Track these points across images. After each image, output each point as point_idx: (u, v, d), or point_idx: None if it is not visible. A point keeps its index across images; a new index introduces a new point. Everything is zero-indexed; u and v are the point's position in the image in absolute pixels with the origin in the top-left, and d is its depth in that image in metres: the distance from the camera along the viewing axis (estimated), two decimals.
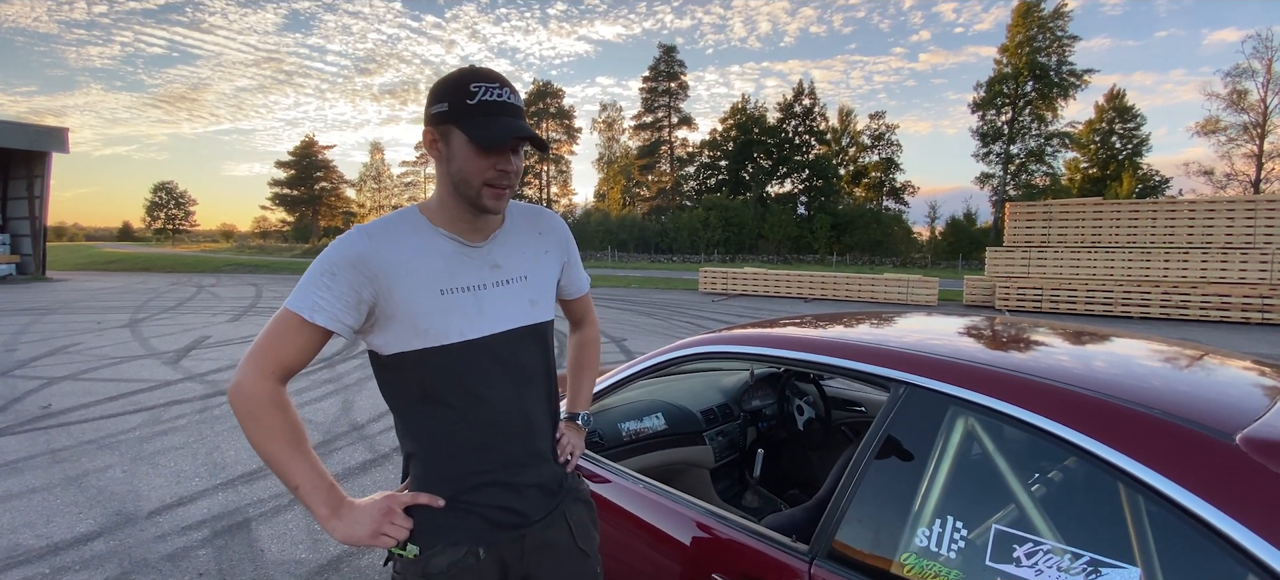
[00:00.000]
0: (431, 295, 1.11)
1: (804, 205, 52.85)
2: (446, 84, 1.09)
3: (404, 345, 1.11)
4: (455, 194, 1.11)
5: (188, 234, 77.86)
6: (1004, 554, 1.05)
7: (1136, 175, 43.57)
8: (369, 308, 1.08)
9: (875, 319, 1.92)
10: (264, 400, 1.05)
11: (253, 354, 1.06)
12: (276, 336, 1.07)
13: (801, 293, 18.43)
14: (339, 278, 1.06)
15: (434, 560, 1.13)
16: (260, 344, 1.07)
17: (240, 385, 1.05)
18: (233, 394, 1.05)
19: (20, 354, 7.80)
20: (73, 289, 17.52)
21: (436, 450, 1.16)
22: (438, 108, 1.08)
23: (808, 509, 1.39)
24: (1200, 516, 0.91)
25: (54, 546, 3.00)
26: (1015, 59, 44.96)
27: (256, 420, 1.05)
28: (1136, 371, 1.34)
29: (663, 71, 57.49)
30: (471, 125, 1.06)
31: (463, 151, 1.07)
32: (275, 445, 1.05)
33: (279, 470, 1.07)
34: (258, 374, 1.05)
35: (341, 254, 1.07)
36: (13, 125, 19.58)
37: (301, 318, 1.06)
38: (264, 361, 1.06)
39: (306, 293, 1.06)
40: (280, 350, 1.07)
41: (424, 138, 1.13)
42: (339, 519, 1.08)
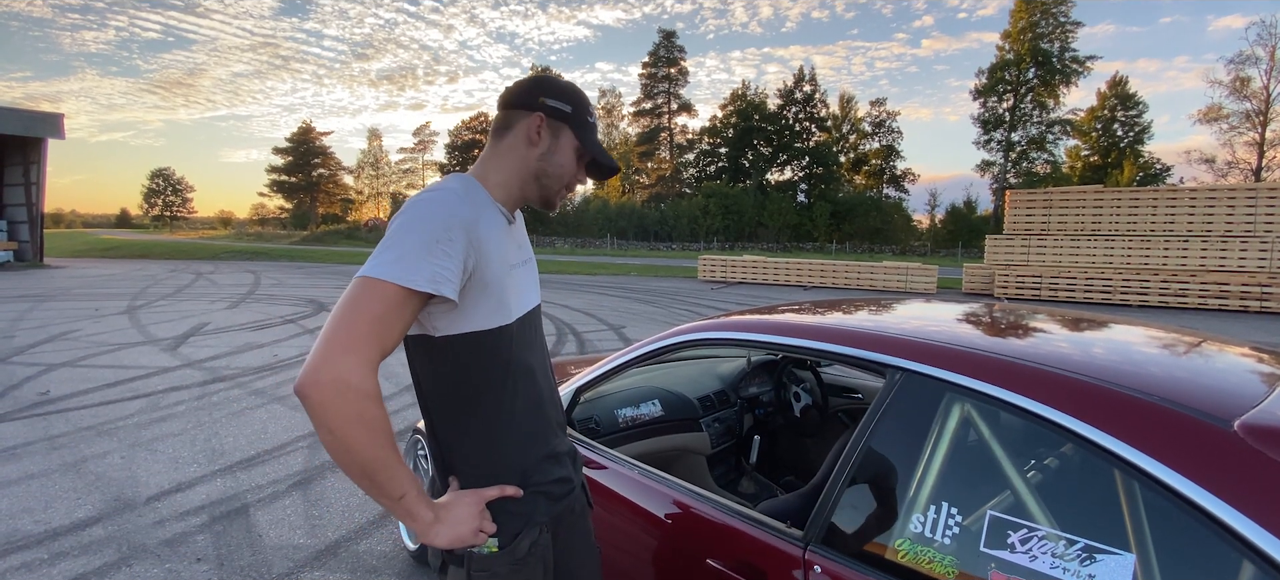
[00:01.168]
0: (505, 269, 1.10)
1: (804, 193, 52.77)
2: (572, 90, 1.16)
3: (485, 322, 1.06)
4: (534, 181, 1.15)
5: (185, 221, 77.71)
6: (998, 540, 1.05)
7: (1138, 163, 43.48)
8: (469, 276, 1.02)
9: (873, 306, 1.91)
10: (374, 398, 0.91)
11: (351, 340, 0.90)
12: (381, 316, 0.92)
13: (801, 280, 18.43)
14: (455, 242, 0.98)
15: (519, 547, 1.11)
16: (358, 327, 0.91)
17: (344, 381, 0.88)
18: (331, 392, 0.88)
19: (18, 340, 7.80)
20: (70, 276, 17.49)
21: (506, 436, 1.13)
22: (560, 105, 1.13)
23: (803, 495, 1.39)
24: (1197, 503, 0.90)
25: (53, 532, 3.01)
26: (1018, 45, 44.72)
27: (365, 423, 0.90)
28: (1134, 358, 1.33)
29: (662, 57, 57.17)
30: (590, 140, 1.16)
31: (568, 153, 1.15)
32: (379, 446, 0.92)
33: (383, 477, 0.94)
34: (365, 365, 0.90)
35: (453, 216, 0.99)
36: (8, 111, 19.46)
37: (411, 291, 0.93)
38: (369, 349, 0.91)
39: (417, 262, 0.94)
40: (387, 333, 0.93)
41: (531, 121, 1.13)
42: (442, 524, 1.02)
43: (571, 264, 26.36)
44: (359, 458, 0.91)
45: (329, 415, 0.88)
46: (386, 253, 0.95)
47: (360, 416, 0.89)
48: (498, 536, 1.10)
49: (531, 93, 1.14)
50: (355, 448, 0.90)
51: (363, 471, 0.93)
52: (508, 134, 1.14)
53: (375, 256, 0.96)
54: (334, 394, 0.87)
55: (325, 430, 0.89)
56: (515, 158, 1.14)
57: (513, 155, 1.14)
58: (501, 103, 1.18)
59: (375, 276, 0.93)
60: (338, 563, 2.78)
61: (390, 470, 0.94)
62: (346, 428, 0.89)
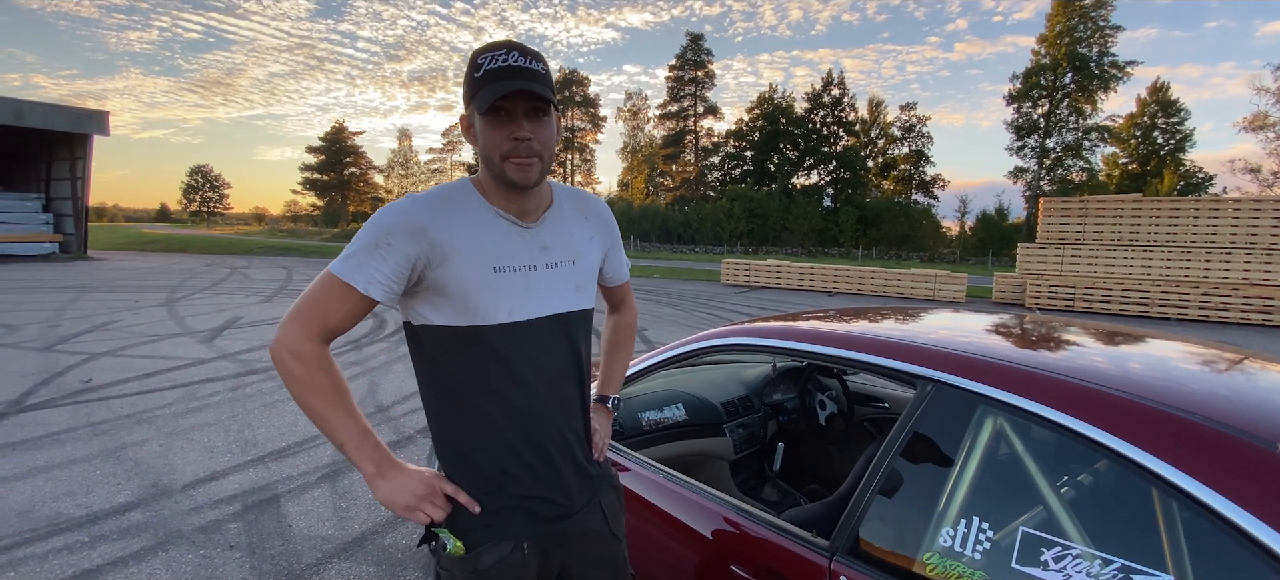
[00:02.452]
0: (485, 272, 1.08)
1: (830, 197, 52.19)
2: (468, 67, 1.08)
3: (450, 320, 1.08)
4: (488, 174, 1.11)
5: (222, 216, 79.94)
6: (1031, 557, 1.03)
7: (1178, 172, 42.15)
8: (419, 276, 1.06)
9: (901, 314, 1.89)
10: (308, 357, 1.04)
11: (295, 314, 1.05)
12: (322, 300, 1.05)
13: (826, 286, 18.23)
14: (394, 247, 1.04)
15: (482, 557, 1.11)
16: (304, 305, 1.05)
17: (282, 342, 1.04)
18: (275, 351, 1.04)
19: (62, 329, 8.09)
20: (113, 268, 18.09)
21: (478, 437, 1.13)
22: (465, 92, 1.09)
23: (829, 504, 1.38)
24: (1239, 526, 0.87)
25: (93, 516, 3.12)
26: (1054, 49, 43.67)
27: (298, 378, 1.04)
28: (1174, 374, 1.29)
29: (689, 60, 57.09)
30: (479, 98, 1.04)
31: (480, 128, 1.07)
32: (319, 401, 1.05)
33: (324, 426, 1.06)
34: (300, 333, 1.04)
35: (397, 221, 1.05)
36: (57, 108, 20.22)
37: (349, 286, 1.04)
38: (307, 321, 1.05)
39: (359, 262, 1.04)
40: (325, 313, 1.05)
41: (461, 124, 1.14)
42: (383, 479, 1.08)
43: None
44: (302, 407, 1.06)
45: (281, 373, 1.05)
46: (345, 250, 1.08)
47: (293, 373, 1.03)
48: (464, 538, 1.11)
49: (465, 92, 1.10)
50: (297, 398, 1.05)
51: (310, 419, 1.07)
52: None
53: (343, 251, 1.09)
54: (277, 352, 1.04)
55: (286, 386, 1.05)
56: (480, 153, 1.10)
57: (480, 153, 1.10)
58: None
59: (330, 268, 1.06)
60: (364, 555, 2.83)
61: (327, 421, 1.06)
62: (287, 381, 1.04)
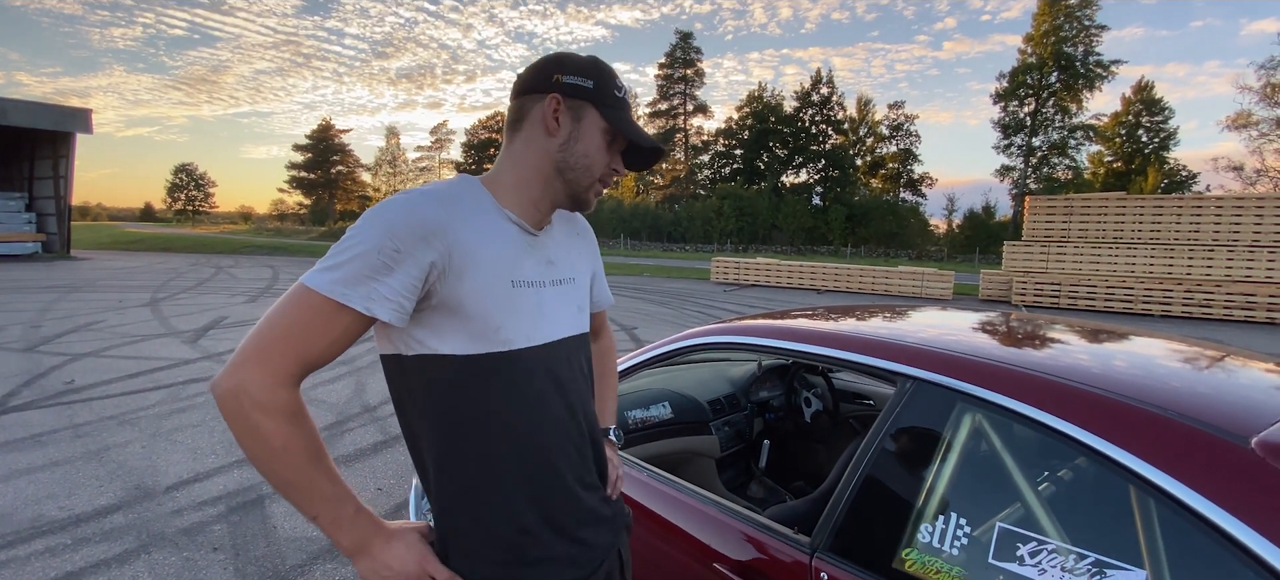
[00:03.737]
0: (503, 287, 0.92)
1: (819, 196, 52.46)
2: (592, 63, 0.97)
3: (461, 347, 0.90)
4: (557, 176, 0.97)
5: (207, 215, 79.04)
6: (1007, 552, 1.04)
7: (1163, 170, 42.71)
8: (429, 290, 0.87)
9: (886, 312, 1.90)
10: (282, 411, 0.80)
11: (262, 349, 0.80)
12: (302, 327, 0.81)
13: (815, 284, 18.32)
14: (404, 253, 0.84)
15: None
16: (274, 336, 0.81)
17: (243, 391, 0.78)
18: (232, 402, 0.79)
19: (45, 330, 7.98)
20: (96, 268, 17.86)
21: (493, 491, 0.94)
22: (579, 81, 0.95)
23: (811, 501, 1.39)
24: (1211, 520, 0.89)
25: (76, 518, 3.08)
26: (1040, 49, 44.10)
27: (269, 440, 0.80)
28: (1153, 371, 1.31)
29: (679, 58, 57.14)
30: (621, 119, 0.96)
31: (595, 137, 0.96)
32: (292, 469, 0.82)
33: (294, 495, 0.84)
34: (271, 378, 0.80)
35: (405, 221, 0.85)
36: (38, 106, 19.94)
37: (342, 306, 0.82)
38: (280, 359, 0.81)
39: (355, 274, 0.82)
40: (305, 345, 0.82)
41: (546, 105, 0.95)
42: (366, 556, 0.89)
43: None
44: (263, 471, 0.82)
45: (241, 433, 0.80)
46: (330, 258, 0.85)
47: (264, 436, 0.80)
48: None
49: (544, 72, 0.96)
50: (258, 461, 0.81)
51: (274, 485, 0.83)
52: (522, 126, 0.97)
53: (322, 260, 0.85)
54: (241, 409, 0.79)
55: (237, 435, 0.81)
56: (532, 152, 0.96)
57: (529, 150, 0.97)
58: (514, 91, 1.00)
59: (309, 284, 0.82)
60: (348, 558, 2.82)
61: (301, 491, 0.83)
62: (246, 440, 0.80)
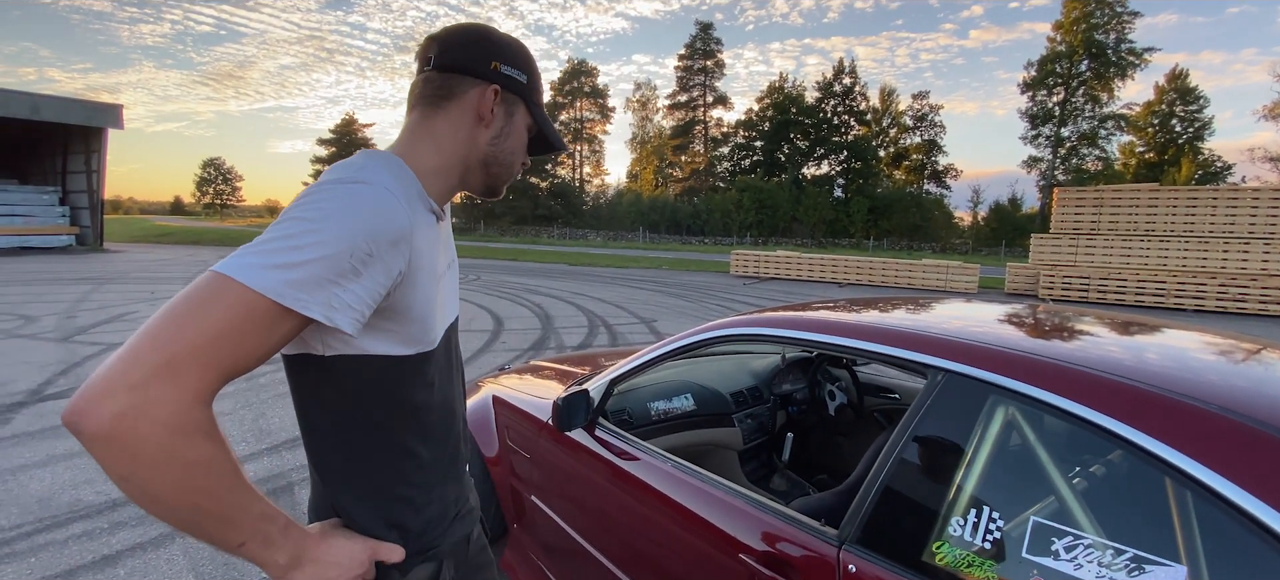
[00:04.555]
0: (434, 279, 0.89)
1: (841, 188, 51.92)
2: (523, 54, 0.94)
3: (398, 348, 0.85)
4: (481, 168, 0.95)
5: (235, 209, 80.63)
6: (1042, 546, 1.02)
7: (1197, 161, 41.53)
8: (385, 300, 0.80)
9: (913, 304, 1.88)
10: (197, 430, 0.65)
11: (175, 360, 0.63)
12: (235, 333, 0.66)
13: (836, 277, 18.15)
14: (376, 261, 0.75)
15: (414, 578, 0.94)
16: (194, 342, 0.64)
17: (144, 414, 0.61)
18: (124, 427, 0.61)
19: (80, 321, 8.21)
20: (128, 260, 18.32)
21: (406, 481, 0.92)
22: (516, 73, 0.92)
23: (838, 494, 1.38)
24: (1254, 515, 0.86)
25: (112, 502, 3.17)
26: (1070, 36, 43.06)
27: (187, 465, 0.65)
28: (1191, 364, 1.28)
29: (699, 49, 56.80)
30: (542, 115, 0.96)
31: (521, 135, 0.96)
32: (213, 497, 0.68)
33: (213, 528, 0.70)
34: (189, 396, 0.64)
35: (385, 229, 0.76)
36: (72, 102, 20.43)
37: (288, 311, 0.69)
38: (202, 373, 0.65)
39: (316, 277, 0.70)
40: (237, 356, 0.67)
41: (483, 94, 0.91)
42: (302, 568, 0.80)
43: (603, 256, 26.47)
44: (172, 505, 0.66)
45: (123, 456, 0.62)
46: (274, 252, 0.69)
47: (170, 458, 0.64)
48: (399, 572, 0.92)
49: (483, 56, 0.90)
50: (167, 494, 0.65)
51: (181, 523, 0.68)
52: (448, 106, 0.90)
53: (255, 249, 0.70)
54: (127, 428, 0.61)
55: (116, 475, 0.63)
56: (459, 138, 0.91)
57: (455, 135, 0.91)
58: (439, 61, 0.90)
59: (246, 282, 0.67)
60: None
61: (222, 521, 0.70)
62: (151, 471, 0.63)
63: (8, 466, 3.55)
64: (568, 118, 58.87)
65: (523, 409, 2.33)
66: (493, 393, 2.56)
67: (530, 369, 2.93)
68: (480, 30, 0.93)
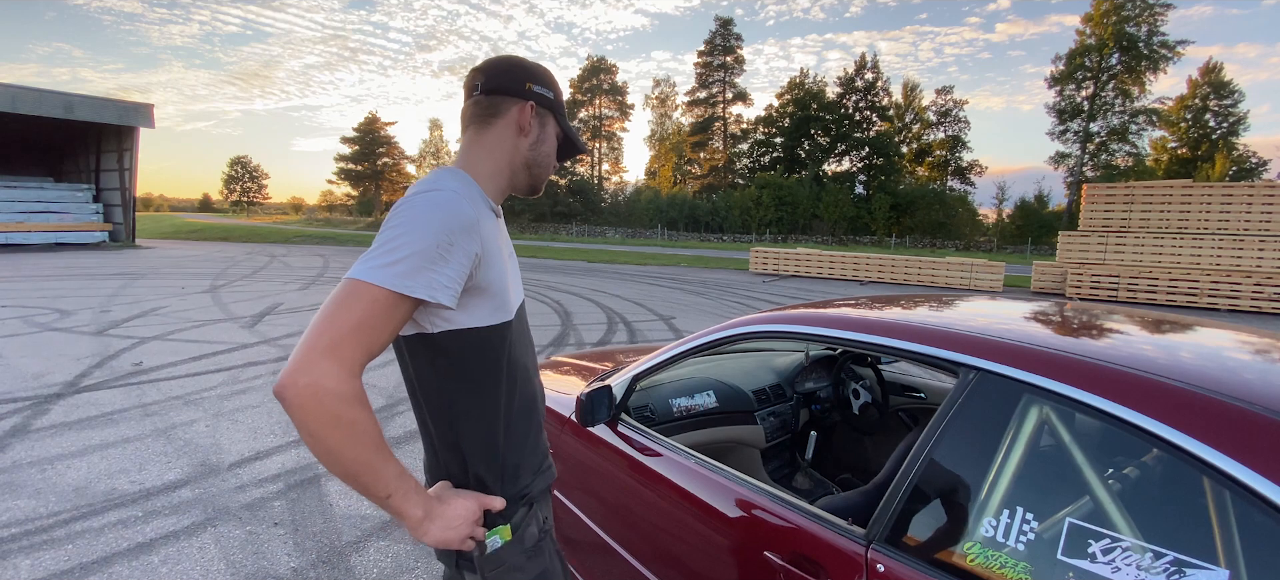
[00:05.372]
0: (504, 264, 1.10)
1: (862, 184, 51.31)
2: (549, 74, 1.17)
3: (484, 320, 1.05)
4: (525, 171, 1.17)
5: (261, 206, 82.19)
6: (1078, 548, 1.00)
7: (1231, 156, 40.35)
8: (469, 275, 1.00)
9: (938, 302, 1.85)
10: (355, 400, 0.88)
11: (334, 344, 0.88)
12: (369, 321, 0.90)
13: (857, 275, 17.96)
14: (457, 248, 0.96)
15: (526, 534, 1.13)
16: (344, 331, 0.88)
17: (322, 386, 0.86)
18: (308, 398, 0.85)
19: (114, 315, 8.44)
20: (159, 256, 18.77)
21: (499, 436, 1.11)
22: (545, 91, 1.15)
23: (865, 492, 1.37)
24: None
25: (146, 492, 3.26)
26: (1100, 29, 42.04)
27: (343, 426, 0.88)
28: (1229, 363, 1.24)
29: (718, 45, 56.49)
30: (567, 124, 1.20)
31: (551, 141, 1.18)
32: (365, 452, 0.91)
33: (366, 480, 0.92)
34: (345, 370, 0.88)
35: (456, 221, 0.96)
36: (105, 102, 20.97)
37: (402, 296, 0.91)
38: (352, 352, 0.89)
39: (415, 267, 0.92)
40: (372, 338, 0.91)
41: (521, 110, 1.12)
42: (432, 522, 1.00)
43: (622, 254, 26.49)
44: (341, 461, 0.89)
45: (308, 419, 0.86)
46: (383, 255, 0.92)
47: (338, 420, 0.87)
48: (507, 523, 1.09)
49: (518, 79, 1.12)
50: (335, 451, 0.88)
51: (344, 474, 0.91)
52: (495, 122, 1.12)
53: (369, 256, 0.93)
54: (310, 398, 0.85)
55: (305, 434, 0.87)
56: (505, 148, 1.13)
57: (502, 146, 1.13)
58: (485, 87, 1.12)
59: (366, 279, 0.90)
60: (402, 534, 2.91)
61: (373, 471, 0.92)
62: (326, 432, 0.87)
63: (45, 456, 3.66)
64: (587, 115, 58.93)
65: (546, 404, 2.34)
66: None
67: (551, 365, 2.94)
68: (515, 60, 1.16)
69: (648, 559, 1.78)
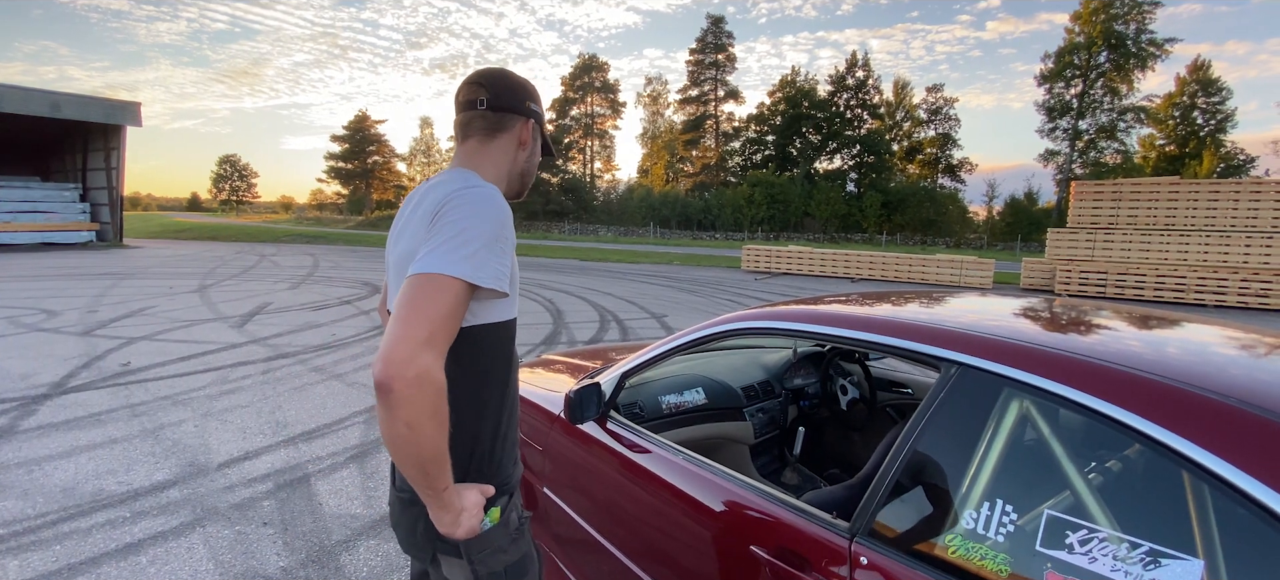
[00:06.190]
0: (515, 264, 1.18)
1: (853, 182, 51.48)
2: (537, 92, 1.28)
3: (502, 315, 1.14)
4: (519, 179, 1.28)
5: (250, 205, 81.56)
6: (1056, 540, 1.02)
7: (1219, 154, 40.76)
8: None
9: (926, 298, 1.87)
10: (444, 390, 0.94)
11: (431, 336, 0.92)
12: (452, 312, 0.95)
13: (848, 272, 18.04)
14: (509, 240, 1.05)
15: (510, 517, 1.18)
16: (435, 322, 0.93)
17: (428, 376, 0.90)
18: (416, 387, 0.89)
19: (101, 315, 8.36)
20: (147, 256, 18.60)
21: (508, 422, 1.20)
22: (538, 109, 1.27)
23: (850, 486, 1.38)
24: (1275, 511, 0.85)
25: (134, 492, 3.24)
26: (1089, 27, 42.35)
27: (438, 417, 0.92)
28: (1212, 358, 1.26)
29: (710, 43, 56.49)
30: (549, 138, 1.34)
31: (539, 151, 1.31)
32: (444, 444, 0.96)
33: (435, 470, 0.96)
34: (441, 361, 0.93)
35: (506, 216, 1.06)
36: (92, 100, 20.75)
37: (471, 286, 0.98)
38: (444, 344, 0.95)
39: (485, 260, 0.99)
40: (455, 328, 0.98)
41: (524, 126, 1.24)
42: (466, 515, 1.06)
43: (614, 252, 26.47)
44: (427, 450, 0.93)
45: (412, 409, 0.89)
46: (457, 249, 0.97)
47: (436, 411, 0.92)
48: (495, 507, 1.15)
49: (522, 98, 1.24)
50: (425, 441, 0.92)
51: (423, 462, 0.94)
52: (500, 136, 1.22)
53: (442, 251, 0.97)
54: (417, 388, 0.89)
55: (402, 423, 0.89)
56: (506, 159, 1.24)
57: (505, 157, 1.23)
58: (492, 104, 1.21)
59: (448, 273, 0.95)
60: (392, 534, 2.90)
61: (443, 463, 0.97)
62: (424, 421, 0.90)
63: (32, 457, 3.63)
64: (579, 113, 58.76)
65: (535, 402, 2.34)
66: None
67: (541, 363, 2.94)
68: (514, 78, 1.24)
69: (637, 555, 1.79)
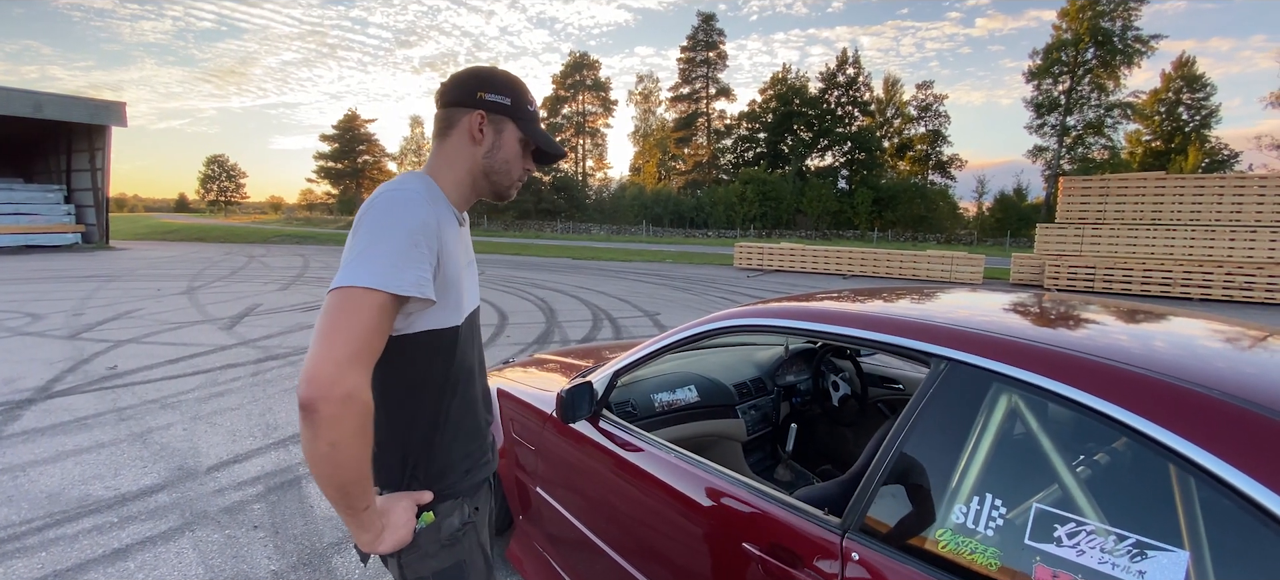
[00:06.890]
0: (459, 269, 1.12)
1: (845, 179, 51.66)
2: (507, 81, 1.15)
3: (437, 322, 1.08)
4: (485, 178, 1.17)
5: (239, 206, 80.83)
6: (1044, 533, 1.02)
7: (1204, 149, 41.21)
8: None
9: (916, 295, 1.88)
10: (372, 412, 0.92)
11: (356, 353, 0.89)
12: (372, 326, 0.91)
13: (840, 269, 18.11)
14: (426, 245, 0.99)
15: (447, 521, 1.15)
16: (354, 339, 0.89)
17: (354, 396, 0.88)
18: (341, 406, 0.86)
19: (87, 318, 8.26)
20: (134, 257, 18.40)
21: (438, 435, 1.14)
22: (498, 99, 1.13)
23: (841, 483, 1.38)
24: (1258, 501, 0.86)
25: (122, 497, 3.20)
26: (1076, 24, 42.67)
27: (363, 437, 0.90)
28: (1198, 351, 1.27)
29: (701, 41, 56.51)
30: (533, 130, 1.17)
31: (513, 146, 1.16)
32: (367, 464, 0.94)
33: (356, 491, 0.94)
34: (366, 377, 0.91)
35: (418, 219, 0.99)
36: (75, 100, 20.49)
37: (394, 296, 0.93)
38: (369, 361, 0.92)
39: (398, 267, 0.94)
40: (380, 343, 0.94)
41: (472, 119, 1.13)
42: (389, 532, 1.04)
43: (607, 250, 26.46)
44: (349, 472, 0.91)
45: (337, 429, 0.87)
46: (370, 260, 0.93)
47: (361, 430, 0.89)
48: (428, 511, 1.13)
49: (469, 89, 1.13)
50: (348, 462, 0.90)
51: (344, 484, 0.92)
52: (451, 133, 1.14)
53: (357, 263, 0.93)
54: (343, 407, 0.86)
55: (325, 443, 0.87)
56: (463, 157, 1.14)
57: (460, 155, 1.14)
58: (440, 101, 1.16)
59: (365, 285, 0.91)
60: None
61: (365, 483, 0.95)
62: (348, 441, 0.88)
63: (17, 462, 3.58)
64: (570, 111, 58.61)
65: (527, 401, 2.33)
66: (497, 386, 2.57)
67: (534, 362, 2.94)
68: (470, 71, 1.16)
69: (630, 553, 1.79)
